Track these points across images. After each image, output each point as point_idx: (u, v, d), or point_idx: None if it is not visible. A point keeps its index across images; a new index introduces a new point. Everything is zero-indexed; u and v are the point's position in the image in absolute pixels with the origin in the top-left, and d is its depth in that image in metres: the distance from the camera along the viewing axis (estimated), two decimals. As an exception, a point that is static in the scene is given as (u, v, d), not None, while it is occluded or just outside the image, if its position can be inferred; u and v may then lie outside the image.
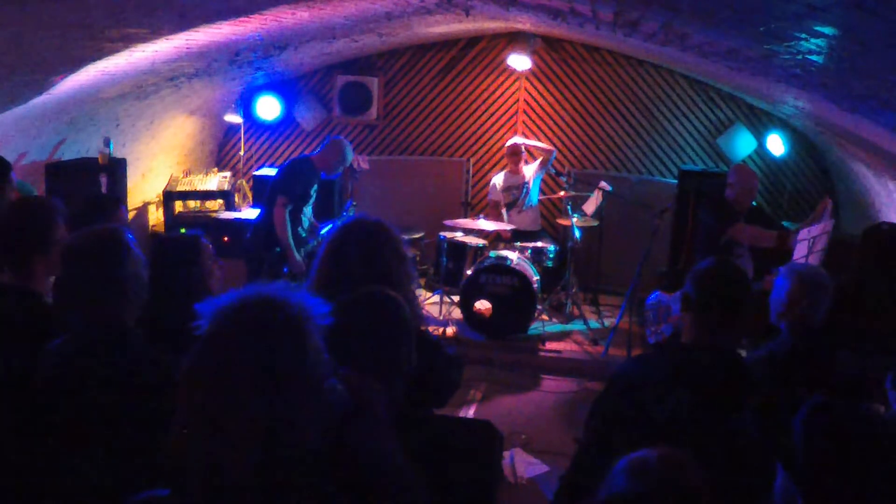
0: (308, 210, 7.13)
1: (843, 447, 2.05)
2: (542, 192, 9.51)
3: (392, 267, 3.07)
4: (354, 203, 7.73)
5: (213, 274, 3.74)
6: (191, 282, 3.62)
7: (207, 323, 1.76)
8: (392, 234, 3.18)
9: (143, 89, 7.26)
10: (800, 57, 4.27)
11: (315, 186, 7.04)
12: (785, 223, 8.84)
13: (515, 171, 9.21)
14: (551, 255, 8.85)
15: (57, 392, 2.60)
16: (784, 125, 9.63)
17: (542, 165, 9.19)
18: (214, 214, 9.03)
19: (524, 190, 9.17)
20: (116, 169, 7.62)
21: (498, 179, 9.36)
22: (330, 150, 7.13)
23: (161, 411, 2.59)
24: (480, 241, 8.84)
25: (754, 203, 9.15)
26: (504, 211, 9.23)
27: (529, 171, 9.21)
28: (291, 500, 1.75)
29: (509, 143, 9.29)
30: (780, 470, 2.18)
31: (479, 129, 10.59)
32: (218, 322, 1.75)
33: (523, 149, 9.29)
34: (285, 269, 6.79)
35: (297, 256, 6.79)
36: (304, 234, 7.08)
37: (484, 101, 10.51)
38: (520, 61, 9.78)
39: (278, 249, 6.78)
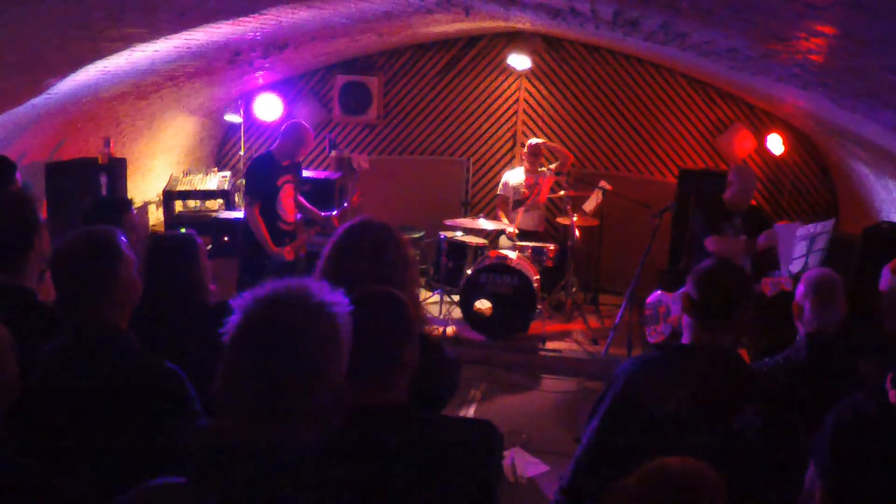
0: (289, 201, 7.00)
1: (870, 446, 2.05)
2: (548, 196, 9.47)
3: (398, 269, 3.06)
4: (353, 202, 7.67)
5: (208, 272, 3.75)
6: (190, 281, 3.63)
7: (247, 311, 1.80)
8: (398, 236, 3.17)
9: (143, 89, 7.26)
10: (799, 56, 4.27)
11: (284, 178, 6.92)
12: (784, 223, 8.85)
13: (531, 171, 9.19)
14: (551, 255, 8.85)
15: (51, 394, 2.59)
16: (784, 124, 9.63)
17: (558, 170, 9.17)
18: (214, 214, 9.02)
19: (535, 190, 9.15)
20: (116, 168, 7.62)
21: (510, 176, 9.34)
22: (285, 136, 7.03)
23: (155, 413, 2.60)
24: (481, 241, 8.85)
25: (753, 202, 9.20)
26: (511, 209, 9.23)
27: (544, 172, 9.19)
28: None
29: (531, 142, 9.21)
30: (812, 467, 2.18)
31: (478, 128, 10.59)
32: (261, 308, 1.80)
33: (543, 150, 9.25)
34: (273, 267, 6.73)
35: (273, 249, 6.74)
36: (287, 227, 6.99)
37: (484, 101, 10.51)
38: (520, 61, 9.78)
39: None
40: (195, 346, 3.06)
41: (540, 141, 9.25)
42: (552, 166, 9.22)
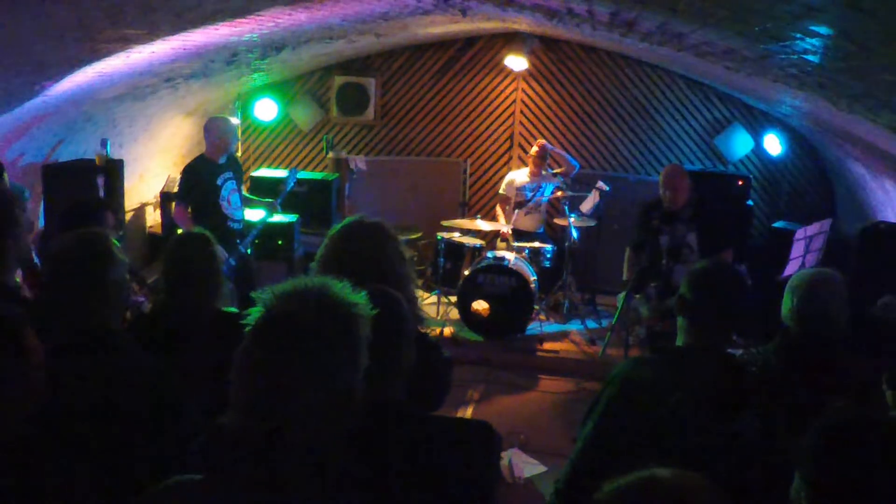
0: (235, 199, 6.97)
1: (855, 454, 2.04)
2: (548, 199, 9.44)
3: (394, 268, 3.07)
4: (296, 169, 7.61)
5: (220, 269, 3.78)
6: (211, 278, 3.65)
7: (268, 305, 1.82)
8: (392, 234, 3.17)
9: (141, 90, 7.26)
10: (796, 57, 4.28)
11: (223, 176, 6.86)
12: (781, 223, 8.86)
13: (535, 174, 9.19)
14: (549, 256, 8.85)
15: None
16: (781, 125, 9.64)
17: (563, 176, 9.15)
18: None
19: (538, 193, 9.15)
20: (114, 170, 7.60)
21: (515, 176, 9.36)
22: (208, 133, 7.00)
23: (149, 413, 2.60)
24: (478, 242, 8.85)
25: (750, 202, 9.21)
26: (511, 209, 9.22)
27: (547, 177, 9.17)
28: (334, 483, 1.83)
29: (539, 144, 9.22)
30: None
31: (476, 129, 10.59)
32: (282, 303, 1.82)
33: (549, 154, 9.22)
34: (225, 270, 6.68)
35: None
36: (236, 227, 6.98)
37: (481, 102, 10.52)
38: (517, 62, 9.79)
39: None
40: (207, 350, 3.08)
41: (547, 145, 9.23)
42: (558, 171, 9.19)
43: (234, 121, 7.14)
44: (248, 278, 6.86)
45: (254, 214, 7.32)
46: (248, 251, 7.06)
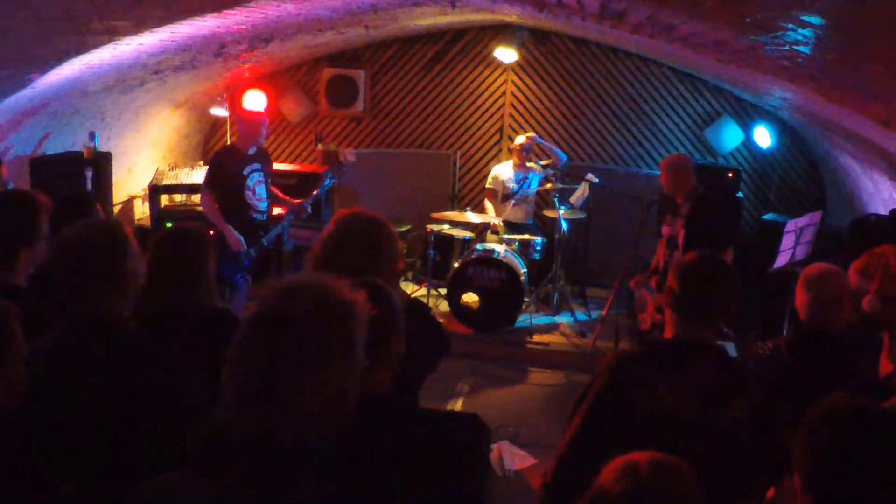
0: (260, 190, 6.96)
1: (849, 446, 2.04)
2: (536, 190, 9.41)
3: (392, 262, 3.07)
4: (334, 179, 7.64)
5: (213, 265, 3.74)
6: (200, 273, 3.62)
7: (263, 301, 1.81)
8: (390, 229, 3.17)
9: (128, 83, 7.23)
10: (787, 48, 4.27)
11: (251, 167, 6.88)
12: (771, 216, 8.88)
13: (520, 166, 9.17)
14: (538, 248, 8.84)
15: (51, 393, 2.54)
16: (771, 117, 9.64)
17: (550, 168, 9.12)
18: (200, 208, 8.99)
19: (524, 185, 9.13)
20: (102, 163, 7.58)
21: (501, 169, 9.33)
22: (240, 126, 7.06)
23: (162, 407, 2.58)
24: (468, 234, 8.84)
25: (740, 195, 9.21)
26: (499, 202, 9.20)
27: (534, 168, 9.15)
28: (334, 474, 1.83)
29: (526, 136, 9.18)
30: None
31: (465, 121, 10.56)
32: (277, 299, 1.80)
33: (535, 146, 9.19)
34: (246, 263, 6.68)
35: (235, 234, 6.62)
36: (260, 218, 6.98)
37: (471, 94, 10.49)
38: (506, 54, 9.76)
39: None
40: (190, 350, 3.05)
41: (534, 137, 9.20)
42: (545, 162, 9.17)
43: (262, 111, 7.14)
44: (266, 273, 6.87)
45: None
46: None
